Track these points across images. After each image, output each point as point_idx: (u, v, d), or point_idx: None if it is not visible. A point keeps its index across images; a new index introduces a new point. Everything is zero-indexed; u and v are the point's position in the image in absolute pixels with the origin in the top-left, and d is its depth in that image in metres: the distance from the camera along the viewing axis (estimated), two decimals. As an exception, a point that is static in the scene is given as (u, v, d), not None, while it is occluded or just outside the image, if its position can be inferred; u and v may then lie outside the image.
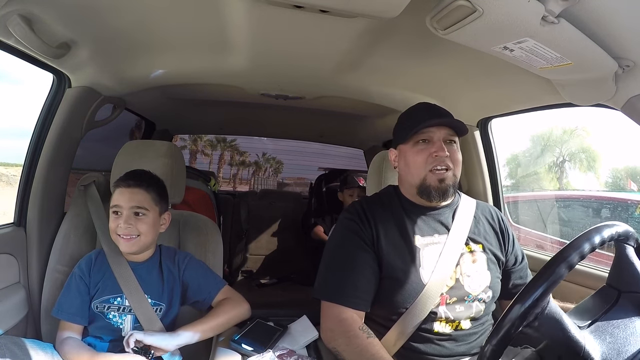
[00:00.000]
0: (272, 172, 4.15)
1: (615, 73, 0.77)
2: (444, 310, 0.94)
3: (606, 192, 4.43)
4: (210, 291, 1.04)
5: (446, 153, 0.96)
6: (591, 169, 5.67)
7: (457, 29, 0.71)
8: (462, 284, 0.96)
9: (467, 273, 0.97)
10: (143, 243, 1.00)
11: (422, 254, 0.97)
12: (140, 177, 1.03)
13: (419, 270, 0.95)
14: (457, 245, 0.99)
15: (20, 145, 1.26)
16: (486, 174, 1.55)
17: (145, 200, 1.00)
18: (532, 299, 0.53)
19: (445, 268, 0.95)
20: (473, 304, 0.97)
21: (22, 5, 0.84)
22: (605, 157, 5.47)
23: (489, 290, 0.98)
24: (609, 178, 4.92)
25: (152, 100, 1.79)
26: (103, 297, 1.00)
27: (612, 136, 5.16)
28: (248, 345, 0.91)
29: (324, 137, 2.87)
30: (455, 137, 1.01)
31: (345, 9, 0.77)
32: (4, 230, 1.15)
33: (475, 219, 1.05)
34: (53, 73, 1.18)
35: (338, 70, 1.28)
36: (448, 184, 0.97)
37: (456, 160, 0.99)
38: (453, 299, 0.95)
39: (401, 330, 0.93)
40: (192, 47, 1.20)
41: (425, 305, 0.92)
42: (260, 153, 4.16)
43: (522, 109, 1.34)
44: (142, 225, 0.99)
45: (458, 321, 0.95)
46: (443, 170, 0.97)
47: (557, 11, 0.64)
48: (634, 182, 3.87)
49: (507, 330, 0.53)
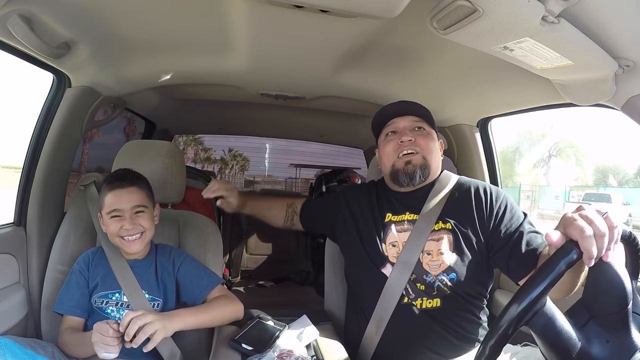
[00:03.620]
0: (239, 169, 3.96)
1: (615, 73, 0.77)
2: (408, 286, 1.00)
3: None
4: (202, 290, 1.04)
5: (409, 137, 1.04)
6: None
7: (457, 29, 0.71)
8: (421, 262, 1.01)
9: (427, 251, 1.01)
10: (148, 238, 1.03)
11: (390, 231, 1.06)
12: (132, 176, 1.04)
13: (384, 246, 1.05)
14: (424, 224, 1.02)
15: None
16: (486, 174, 1.55)
17: (143, 197, 1.03)
18: (529, 299, 0.52)
19: (412, 247, 1.01)
20: (434, 284, 1.00)
21: (22, 5, 0.84)
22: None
23: (451, 272, 0.99)
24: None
25: (152, 100, 1.80)
26: (101, 293, 1.01)
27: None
28: (248, 345, 0.91)
29: (324, 137, 2.87)
30: (422, 123, 1.08)
31: (345, 9, 0.77)
32: (4, 230, 1.15)
33: (451, 197, 1.05)
34: (53, 73, 1.18)
35: (338, 70, 1.28)
36: (415, 165, 1.04)
37: (424, 145, 1.05)
38: (413, 275, 1.00)
39: (380, 308, 1.02)
40: (192, 47, 1.20)
41: (396, 281, 1.01)
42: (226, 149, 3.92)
43: (522, 109, 1.34)
44: (145, 221, 1.01)
45: (425, 298, 1.00)
46: (410, 154, 1.04)
47: (557, 11, 0.64)
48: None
49: (505, 330, 0.52)
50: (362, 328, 1.05)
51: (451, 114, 1.53)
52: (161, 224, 1.14)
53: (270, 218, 1.30)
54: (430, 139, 1.07)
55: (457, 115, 1.53)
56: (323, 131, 2.61)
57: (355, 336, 1.08)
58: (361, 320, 1.07)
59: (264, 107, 1.88)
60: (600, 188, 19.64)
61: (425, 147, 1.05)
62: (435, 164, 1.08)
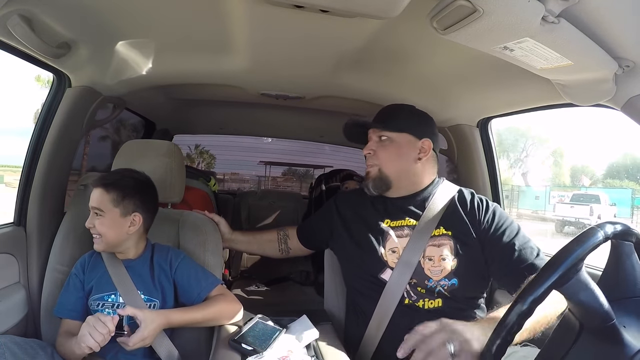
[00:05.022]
0: (205, 167, 3.79)
1: (615, 73, 0.77)
2: (410, 289, 1.02)
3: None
4: (200, 292, 1.04)
5: (368, 151, 1.11)
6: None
7: (458, 29, 0.71)
8: (422, 267, 1.02)
9: (429, 256, 1.02)
10: (106, 243, 0.99)
11: (390, 237, 1.07)
12: (109, 176, 1.02)
13: (384, 251, 1.06)
14: (425, 227, 1.04)
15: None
16: (486, 174, 1.55)
17: (102, 201, 0.98)
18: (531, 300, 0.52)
19: (412, 249, 1.02)
20: (435, 289, 1.01)
21: (22, 5, 0.84)
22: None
23: (452, 277, 1.01)
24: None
25: (152, 100, 1.80)
26: (98, 295, 1.01)
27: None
28: (248, 345, 0.91)
29: (324, 137, 2.87)
30: (384, 132, 1.10)
31: (345, 8, 0.77)
32: (4, 230, 1.15)
33: (450, 206, 1.07)
34: (53, 73, 1.18)
35: (338, 70, 1.28)
36: (369, 178, 1.11)
37: (382, 156, 1.09)
38: (413, 280, 1.01)
39: (381, 305, 1.03)
40: (192, 47, 1.20)
41: (398, 281, 1.02)
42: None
43: (522, 109, 1.34)
44: (100, 225, 0.98)
45: (427, 299, 1.01)
46: (369, 167, 1.12)
47: (557, 11, 0.64)
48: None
49: (509, 330, 0.53)
50: (362, 328, 1.06)
51: (451, 114, 1.53)
52: (160, 224, 1.14)
53: (264, 244, 1.33)
54: (391, 148, 1.09)
55: (457, 115, 1.53)
56: (323, 131, 2.61)
57: (355, 336, 1.08)
58: (361, 320, 1.07)
59: (264, 107, 1.88)
60: (582, 188, 19.62)
61: (383, 158, 1.09)
62: (395, 171, 1.09)
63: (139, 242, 1.05)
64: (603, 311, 0.52)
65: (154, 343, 0.95)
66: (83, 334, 0.85)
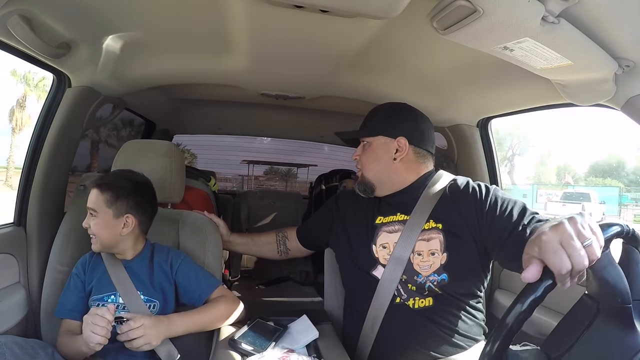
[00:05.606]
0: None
1: (615, 73, 0.77)
2: (400, 287, 1.01)
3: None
4: (201, 293, 1.04)
5: (353, 157, 1.16)
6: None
7: (457, 29, 0.71)
8: (411, 263, 1.01)
9: (418, 251, 1.02)
10: (100, 243, 0.99)
11: (381, 233, 1.08)
12: (105, 177, 1.02)
13: (375, 248, 1.07)
14: (416, 221, 1.03)
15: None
16: (486, 174, 1.55)
17: (96, 201, 0.98)
18: (531, 299, 0.52)
19: (404, 243, 1.02)
20: (425, 285, 1.00)
21: (22, 5, 0.84)
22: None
23: (442, 272, 1.00)
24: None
25: (152, 100, 1.80)
26: (98, 295, 1.01)
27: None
28: (248, 345, 0.91)
29: (324, 137, 2.87)
30: (362, 138, 1.14)
31: (345, 8, 0.77)
32: (4, 230, 1.15)
33: (443, 197, 1.05)
34: (53, 73, 1.18)
35: (338, 70, 1.28)
36: (358, 182, 1.15)
37: (362, 160, 1.13)
38: (403, 276, 1.01)
39: (374, 306, 1.03)
40: (192, 47, 1.20)
41: (389, 279, 1.02)
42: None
43: (522, 109, 1.34)
44: (94, 226, 0.98)
45: (418, 298, 1.00)
46: (357, 171, 1.16)
47: (557, 11, 0.64)
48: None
49: (510, 329, 0.53)
50: (358, 327, 1.06)
51: (451, 114, 1.53)
52: (160, 224, 1.14)
53: (262, 246, 1.34)
54: (368, 152, 1.12)
55: (457, 115, 1.53)
56: (323, 131, 2.61)
57: (353, 336, 1.08)
58: (357, 320, 1.08)
59: (264, 107, 1.88)
60: (569, 187, 19.56)
61: (364, 163, 1.13)
62: (374, 174, 1.10)
63: (136, 243, 1.05)
64: (625, 290, 0.54)
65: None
66: (87, 335, 0.85)
